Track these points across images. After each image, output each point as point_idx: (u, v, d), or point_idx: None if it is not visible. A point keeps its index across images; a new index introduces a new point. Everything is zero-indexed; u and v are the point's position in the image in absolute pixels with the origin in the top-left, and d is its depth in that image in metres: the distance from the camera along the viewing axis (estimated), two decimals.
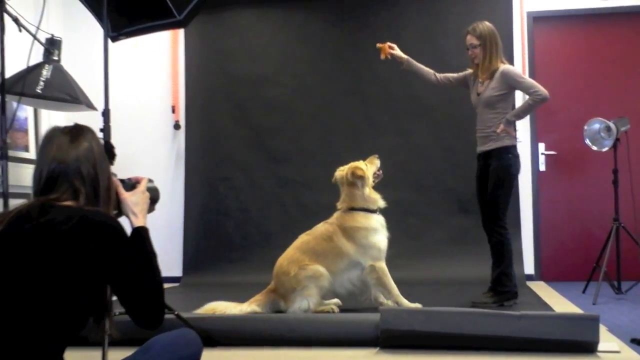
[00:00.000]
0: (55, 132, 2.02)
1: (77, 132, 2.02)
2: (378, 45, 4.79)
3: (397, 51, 4.76)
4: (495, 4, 6.09)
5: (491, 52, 4.47)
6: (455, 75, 4.77)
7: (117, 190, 2.14)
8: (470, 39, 4.52)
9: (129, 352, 2.03)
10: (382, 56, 4.77)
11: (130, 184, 2.21)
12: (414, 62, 4.76)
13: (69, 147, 1.96)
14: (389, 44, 4.77)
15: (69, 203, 1.90)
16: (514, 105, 4.71)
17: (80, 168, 1.94)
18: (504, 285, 4.44)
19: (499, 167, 4.44)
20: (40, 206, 1.87)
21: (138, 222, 2.10)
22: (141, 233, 2.06)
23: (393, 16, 6.30)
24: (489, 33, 4.49)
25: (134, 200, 2.14)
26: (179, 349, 2.04)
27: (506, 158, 4.44)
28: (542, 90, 4.34)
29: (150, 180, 2.31)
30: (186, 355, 2.06)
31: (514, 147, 4.49)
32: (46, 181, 1.95)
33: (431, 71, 4.77)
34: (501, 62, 4.50)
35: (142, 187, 2.20)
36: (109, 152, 2.03)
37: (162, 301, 1.98)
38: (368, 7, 6.37)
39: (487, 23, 4.54)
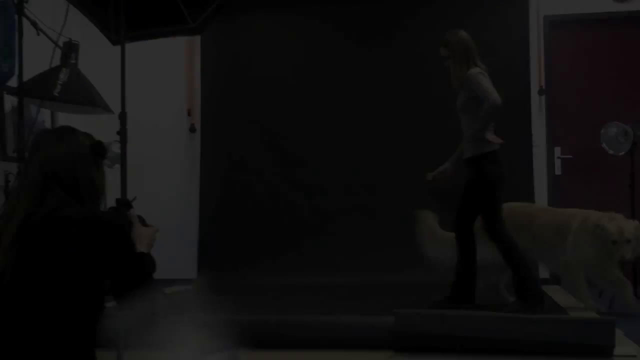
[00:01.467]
0: (41, 135, 2.05)
1: (62, 132, 2.04)
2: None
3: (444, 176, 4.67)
4: (511, 8, 6.06)
5: (461, 61, 4.34)
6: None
7: (130, 220, 2.15)
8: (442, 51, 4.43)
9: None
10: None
11: (144, 221, 2.22)
12: (454, 159, 4.64)
13: (55, 147, 1.97)
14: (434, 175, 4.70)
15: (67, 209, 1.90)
16: None
17: (66, 166, 1.95)
18: (527, 288, 4.22)
19: (476, 177, 4.30)
20: (44, 214, 1.87)
21: (141, 249, 2.09)
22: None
23: (409, 23, 6.27)
24: (457, 42, 4.36)
25: (142, 232, 2.14)
26: None
27: (480, 165, 4.29)
28: (493, 96, 4.12)
29: None
30: None
31: (492, 153, 4.27)
32: (37, 181, 1.94)
33: None
34: (473, 65, 4.31)
35: (154, 228, 2.20)
36: (99, 151, 2.04)
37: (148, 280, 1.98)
38: (385, 14, 6.35)
39: (460, 32, 4.40)
